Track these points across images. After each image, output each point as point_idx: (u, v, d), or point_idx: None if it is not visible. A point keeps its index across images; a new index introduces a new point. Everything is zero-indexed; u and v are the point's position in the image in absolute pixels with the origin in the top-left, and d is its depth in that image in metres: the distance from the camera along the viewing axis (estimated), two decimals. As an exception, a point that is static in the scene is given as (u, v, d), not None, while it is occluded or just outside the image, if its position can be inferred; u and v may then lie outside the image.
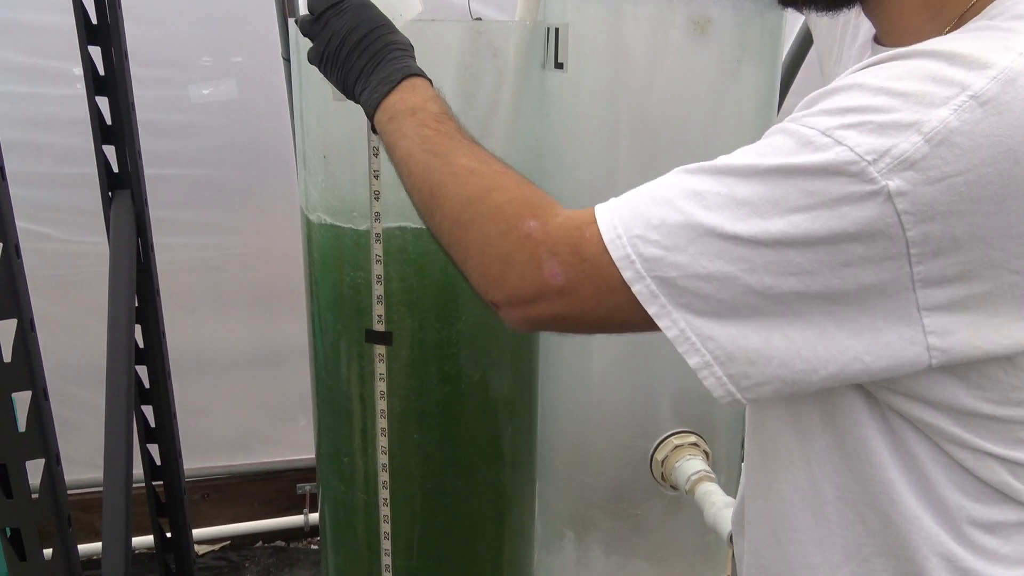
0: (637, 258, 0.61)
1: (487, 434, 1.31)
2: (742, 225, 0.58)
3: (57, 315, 2.19)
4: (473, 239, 0.70)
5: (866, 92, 0.57)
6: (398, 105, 0.80)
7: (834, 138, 0.56)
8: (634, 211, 0.63)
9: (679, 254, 0.60)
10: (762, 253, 0.58)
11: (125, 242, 1.48)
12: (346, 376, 1.27)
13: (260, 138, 2.19)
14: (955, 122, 0.54)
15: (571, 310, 0.65)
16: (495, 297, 0.69)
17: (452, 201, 0.72)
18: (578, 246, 0.64)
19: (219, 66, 2.11)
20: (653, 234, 0.61)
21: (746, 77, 1.23)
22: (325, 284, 1.26)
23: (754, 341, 0.60)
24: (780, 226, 0.57)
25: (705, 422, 1.38)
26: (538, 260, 0.65)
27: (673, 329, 0.61)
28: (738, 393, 0.62)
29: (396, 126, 0.79)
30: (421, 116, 0.78)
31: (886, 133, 0.54)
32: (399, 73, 0.82)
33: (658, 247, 0.60)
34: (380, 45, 0.84)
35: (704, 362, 0.61)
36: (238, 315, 2.43)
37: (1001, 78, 0.54)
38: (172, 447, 1.67)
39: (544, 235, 0.66)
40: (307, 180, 1.24)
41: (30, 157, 2.06)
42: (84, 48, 1.45)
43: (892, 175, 0.54)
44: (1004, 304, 0.58)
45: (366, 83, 0.83)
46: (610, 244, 0.62)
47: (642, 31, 1.20)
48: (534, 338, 1.35)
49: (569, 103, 1.26)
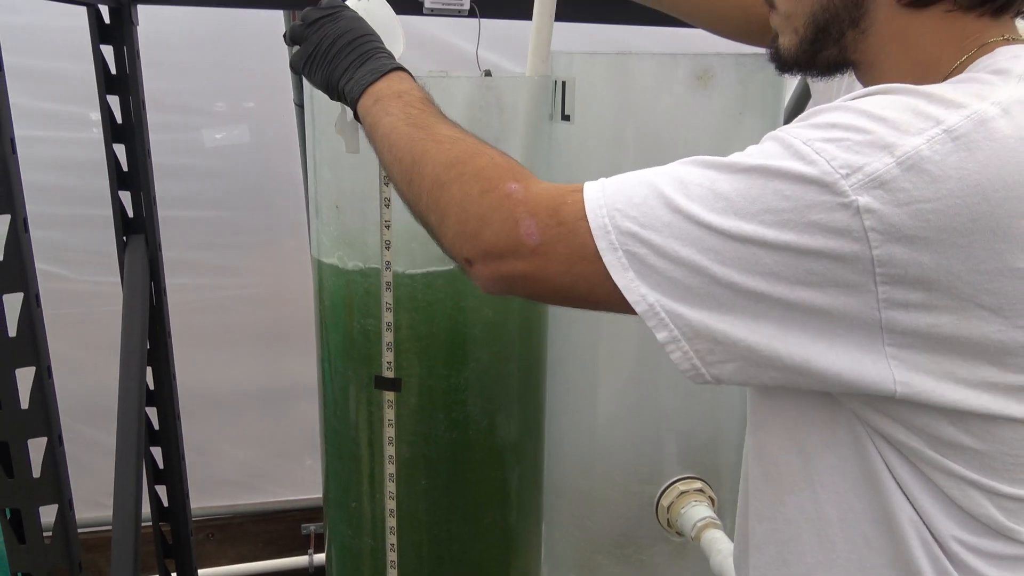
0: (613, 229, 0.63)
1: (494, 479, 1.32)
2: (717, 217, 0.60)
3: (66, 353, 2.21)
4: (453, 197, 0.71)
5: (851, 113, 0.60)
6: (384, 90, 0.83)
7: (814, 149, 0.58)
8: (620, 188, 0.65)
9: (653, 233, 0.62)
10: (733, 247, 0.60)
11: (138, 286, 1.51)
12: (355, 421, 1.28)
13: (271, 181, 2.23)
14: (927, 151, 0.56)
15: (541, 271, 0.67)
16: (469, 252, 0.70)
17: (434, 164, 0.74)
18: (557, 210, 0.66)
19: (232, 111, 2.16)
20: (633, 211, 0.63)
21: (748, 128, 1.26)
22: (335, 330, 1.28)
23: (719, 327, 0.62)
24: (752, 224, 0.59)
25: (711, 468, 1.38)
26: (515, 218, 0.67)
27: (642, 304, 0.63)
28: (703, 368, 0.64)
29: (381, 106, 0.82)
30: (406, 99, 0.81)
31: (862, 152, 0.57)
32: (387, 67, 0.86)
33: (635, 223, 0.62)
34: (369, 47, 0.88)
35: (672, 337, 0.63)
36: (245, 354, 2.45)
37: (974, 118, 0.58)
38: (180, 489, 1.68)
39: (525, 196, 0.68)
40: (319, 228, 1.26)
41: (43, 199, 2.10)
42: (103, 97, 1.49)
43: (862, 191, 0.56)
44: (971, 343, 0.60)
45: (352, 76, 0.86)
46: (591, 213, 0.64)
47: (646, 84, 1.23)
48: (540, 383, 1.36)
49: (576, 153, 1.29)
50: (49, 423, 1.02)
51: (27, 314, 0.99)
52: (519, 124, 1.18)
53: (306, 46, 0.91)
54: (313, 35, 0.90)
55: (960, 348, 0.60)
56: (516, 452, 1.33)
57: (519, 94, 1.16)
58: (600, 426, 1.38)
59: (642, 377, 1.36)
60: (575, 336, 1.38)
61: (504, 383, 1.28)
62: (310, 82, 0.94)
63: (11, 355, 0.99)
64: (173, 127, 2.07)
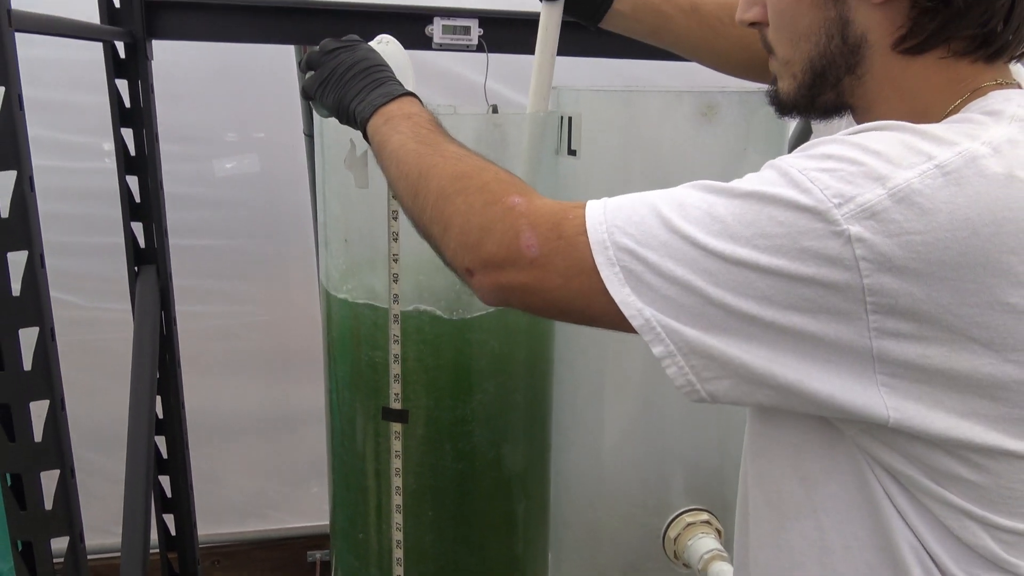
0: (611, 245, 0.64)
1: (501, 510, 1.32)
2: (712, 239, 0.61)
3: (75, 380, 2.21)
4: (457, 208, 0.73)
5: (846, 146, 0.62)
6: (395, 111, 0.86)
7: (809, 178, 0.60)
8: (621, 206, 0.66)
9: (650, 251, 0.63)
10: (727, 269, 0.61)
11: (149, 316, 1.52)
12: (362, 452, 1.29)
13: (280, 210, 2.25)
14: (918, 184, 0.58)
15: (539, 283, 0.69)
16: (470, 262, 0.72)
17: (440, 177, 0.76)
18: (558, 224, 0.68)
19: (243, 142, 2.19)
20: (631, 228, 0.64)
21: (752, 164, 1.28)
22: (343, 361, 1.29)
23: (713, 345, 0.63)
24: (747, 248, 0.61)
25: (717, 499, 1.39)
26: (517, 230, 0.69)
27: (638, 318, 0.64)
28: (698, 384, 0.65)
29: (391, 126, 0.85)
30: (416, 119, 0.84)
31: (855, 182, 0.59)
32: (398, 91, 0.89)
33: (632, 240, 0.64)
34: (382, 75, 0.91)
35: (667, 352, 0.64)
36: (252, 381, 2.46)
37: (965, 155, 0.59)
38: (188, 518, 1.69)
39: (527, 209, 0.70)
40: (328, 261, 1.28)
41: (54, 227, 2.12)
42: (117, 130, 1.51)
43: (854, 221, 0.58)
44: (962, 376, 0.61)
45: (364, 98, 0.89)
46: (591, 229, 0.66)
47: (652, 120, 1.25)
48: (547, 414, 1.37)
49: (582, 188, 1.30)
50: (62, 456, 1.04)
51: (42, 348, 1.00)
52: (524, 159, 1.20)
53: (321, 71, 0.94)
54: (329, 62, 0.94)
55: (951, 380, 0.61)
56: (523, 483, 1.33)
57: (525, 130, 1.18)
58: (607, 457, 1.38)
59: (648, 408, 1.37)
60: (581, 367, 1.39)
61: (511, 414, 1.28)
62: (321, 106, 0.96)
63: (26, 389, 1.01)
64: (184, 157, 2.09)
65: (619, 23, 1.14)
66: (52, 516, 1.04)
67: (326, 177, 1.24)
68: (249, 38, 1.50)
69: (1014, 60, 0.72)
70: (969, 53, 0.68)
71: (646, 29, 1.15)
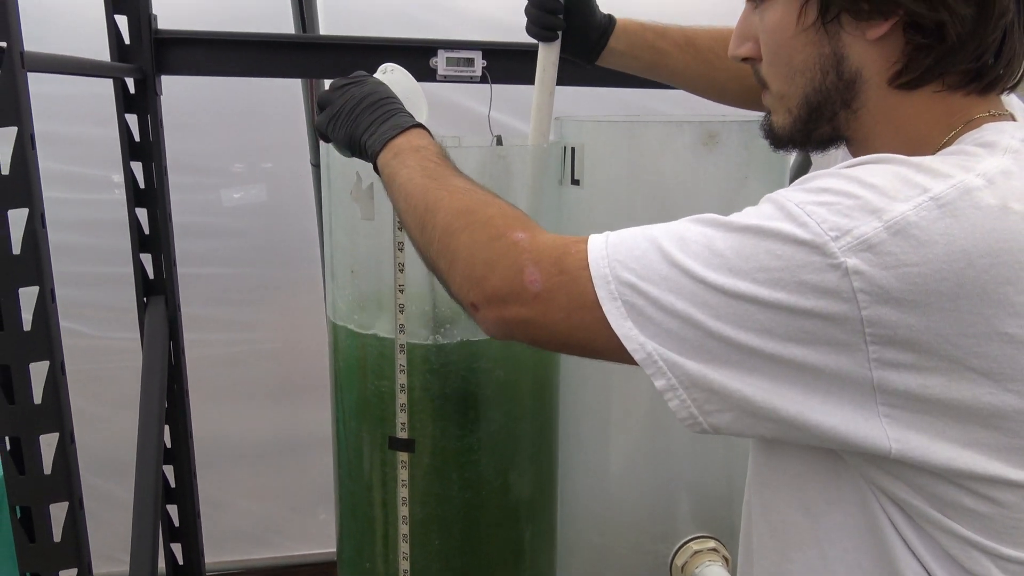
0: (613, 279, 0.65)
1: (508, 539, 1.32)
2: (712, 273, 0.62)
3: (83, 408, 2.23)
4: (462, 243, 0.74)
5: (842, 179, 0.63)
6: (403, 145, 0.87)
7: (806, 212, 0.61)
8: (623, 240, 0.67)
9: (651, 286, 0.64)
10: (727, 302, 0.62)
11: (158, 346, 1.54)
12: (369, 482, 1.29)
13: (287, 238, 2.27)
14: (913, 217, 0.59)
15: (542, 317, 0.70)
16: (475, 297, 0.73)
17: (446, 212, 0.77)
18: (561, 259, 0.69)
19: (250, 172, 2.21)
20: (633, 263, 0.65)
21: (753, 192, 1.29)
22: (350, 391, 1.30)
23: (715, 378, 0.64)
24: (746, 282, 0.61)
25: (725, 526, 1.38)
26: (520, 265, 0.70)
27: (640, 352, 0.65)
28: (700, 417, 0.65)
29: (400, 160, 0.86)
30: (424, 153, 0.86)
31: (851, 216, 0.60)
32: (407, 124, 0.90)
33: (634, 274, 0.65)
34: (391, 108, 0.92)
35: (670, 385, 0.65)
36: (260, 407, 2.47)
37: (959, 187, 0.60)
38: (196, 547, 1.69)
39: (531, 244, 0.71)
40: (335, 291, 1.29)
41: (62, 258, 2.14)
42: (127, 163, 1.54)
43: (851, 254, 0.59)
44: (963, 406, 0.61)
45: (374, 132, 0.90)
46: (592, 263, 0.67)
47: (653, 149, 1.27)
48: (553, 441, 1.37)
49: (585, 217, 1.32)
50: (71, 488, 1.05)
51: (52, 382, 1.02)
52: (528, 190, 1.21)
53: (331, 108, 0.96)
54: (338, 98, 0.95)
55: (952, 410, 0.62)
56: (529, 511, 1.33)
57: (528, 161, 1.20)
58: (613, 485, 1.38)
59: (654, 435, 1.37)
60: (587, 395, 1.39)
61: (517, 442, 1.29)
62: (333, 141, 0.97)
63: (36, 421, 1.02)
64: (192, 187, 2.12)
65: (615, 60, 1.16)
66: (60, 548, 1.05)
67: (332, 208, 1.26)
68: (257, 72, 1.53)
69: (1006, 91, 0.73)
70: (963, 86, 0.69)
71: (642, 65, 1.17)
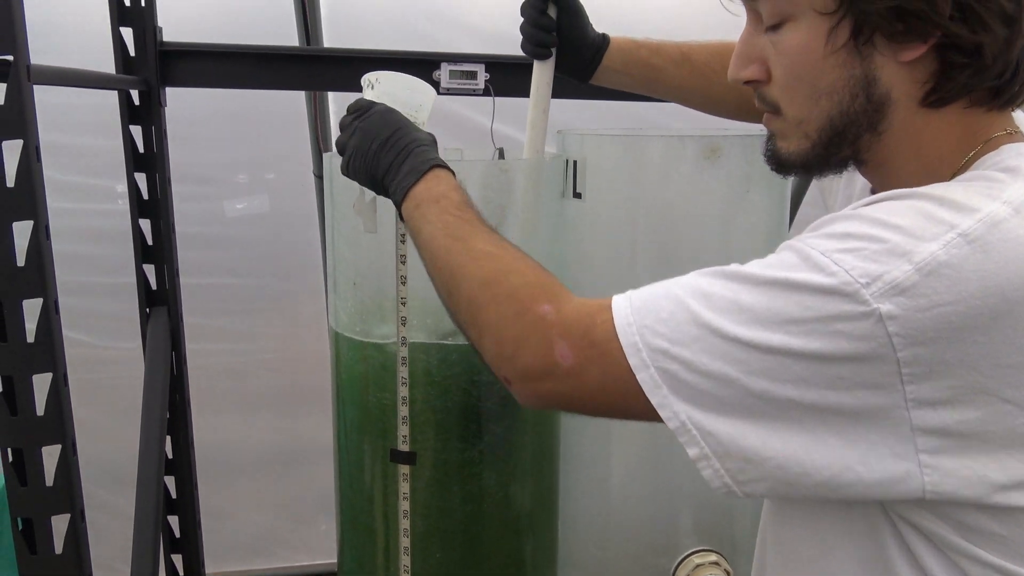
0: (644, 347, 0.64)
1: (509, 552, 1.32)
2: (743, 329, 0.61)
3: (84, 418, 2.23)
4: (490, 318, 0.74)
5: (865, 222, 0.62)
6: (423, 194, 0.86)
7: (833, 260, 0.60)
8: (647, 303, 0.66)
9: (683, 349, 0.63)
10: (761, 358, 0.61)
11: (160, 356, 1.54)
12: (370, 494, 1.29)
13: (289, 249, 2.28)
14: (944, 256, 0.58)
15: (578, 391, 0.69)
16: (507, 373, 0.73)
17: (470, 282, 0.76)
18: (589, 331, 0.68)
19: (253, 182, 2.22)
20: (661, 327, 0.64)
21: (755, 205, 1.29)
22: (352, 403, 1.30)
23: (752, 440, 0.63)
24: (778, 335, 0.60)
25: (726, 539, 1.38)
26: (550, 341, 0.69)
27: (675, 420, 0.64)
28: (735, 486, 0.65)
29: (421, 213, 0.85)
30: (444, 204, 0.84)
31: (880, 260, 0.59)
32: (425, 165, 0.87)
33: (664, 339, 0.64)
34: (405, 142, 0.90)
35: (703, 454, 0.64)
36: (261, 417, 2.47)
37: (987, 220, 0.59)
38: (196, 558, 1.69)
39: (558, 318, 0.70)
40: (337, 304, 1.29)
41: (66, 267, 2.15)
42: (130, 174, 1.54)
43: (884, 299, 0.58)
44: (998, 438, 0.61)
45: (394, 176, 0.89)
46: (621, 332, 0.66)
47: (655, 162, 1.27)
48: (554, 454, 1.37)
49: (587, 228, 1.32)
50: (72, 500, 1.05)
51: (55, 393, 1.02)
52: (530, 203, 1.21)
53: (346, 153, 0.94)
54: (349, 140, 0.93)
55: (988, 443, 0.61)
56: (531, 524, 1.33)
57: (530, 174, 1.20)
58: (614, 498, 1.38)
59: (656, 448, 1.37)
60: (588, 407, 1.39)
61: (518, 455, 1.29)
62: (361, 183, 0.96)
63: (39, 433, 1.02)
64: (195, 197, 2.13)
65: (610, 78, 1.16)
66: (62, 560, 1.05)
67: (335, 220, 1.26)
68: (261, 84, 1.54)
69: (1019, 107, 0.72)
70: (985, 103, 0.69)
71: (638, 82, 1.17)
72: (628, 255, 1.31)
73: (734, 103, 1.14)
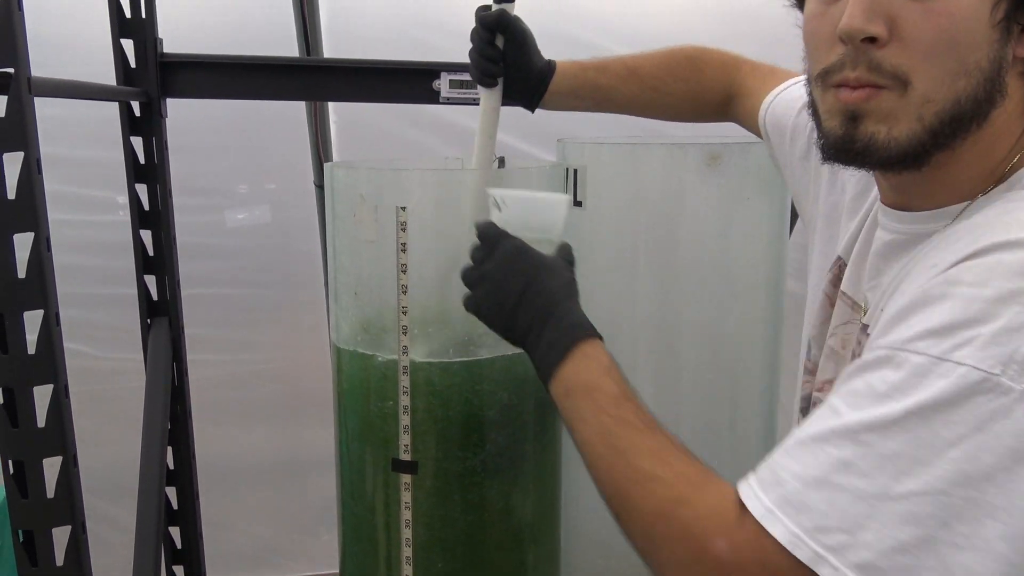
0: (826, 552, 0.56)
1: (511, 561, 1.31)
2: (909, 480, 0.54)
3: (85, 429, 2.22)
4: (666, 560, 0.67)
5: (960, 302, 0.56)
6: (572, 379, 0.80)
7: (953, 361, 0.55)
8: (796, 505, 0.58)
9: (864, 533, 0.55)
10: (946, 502, 0.54)
11: (161, 367, 1.54)
12: (371, 503, 1.29)
13: (290, 259, 2.28)
14: None
15: None
16: None
17: (640, 513, 0.70)
18: (765, 563, 0.59)
19: (254, 193, 2.23)
20: (829, 522, 0.56)
21: (756, 212, 1.30)
22: (353, 413, 1.30)
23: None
24: (946, 467, 0.54)
25: (729, 548, 1.37)
26: None
27: None
28: None
29: (573, 404, 0.79)
30: (598, 398, 0.76)
31: (999, 341, 0.54)
32: (568, 337, 0.81)
33: (840, 532, 0.56)
34: (542, 301, 0.84)
35: None
36: (263, 427, 2.47)
37: None
38: (198, 569, 1.69)
39: (733, 556, 0.61)
40: (338, 314, 1.29)
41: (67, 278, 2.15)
42: (131, 185, 1.55)
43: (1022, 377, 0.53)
44: None
45: (535, 345, 0.84)
46: (793, 548, 0.57)
47: (656, 170, 1.27)
48: (557, 463, 1.37)
49: (588, 236, 1.32)
50: (74, 512, 1.04)
51: (56, 405, 1.02)
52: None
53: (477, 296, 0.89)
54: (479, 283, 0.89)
55: None
56: (533, 533, 1.33)
57: (531, 183, 1.20)
58: (617, 506, 1.37)
59: (658, 456, 1.37)
60: (590, 416, 1.39)
61: (521, 464, 1.28)
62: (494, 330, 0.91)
63: (39, 445, 1.02)
64: (196, 208, 2.13)
65: (560, 103, 1.16)
66: (63, 572, 1.05)
67: (336, 229, 1.26)
68: (261, 95, 1.55)
69: None
70: None
71: (588, 104, 1.17)
72: (629, 263, 1.31)
73: (688, 109, 1.16)
